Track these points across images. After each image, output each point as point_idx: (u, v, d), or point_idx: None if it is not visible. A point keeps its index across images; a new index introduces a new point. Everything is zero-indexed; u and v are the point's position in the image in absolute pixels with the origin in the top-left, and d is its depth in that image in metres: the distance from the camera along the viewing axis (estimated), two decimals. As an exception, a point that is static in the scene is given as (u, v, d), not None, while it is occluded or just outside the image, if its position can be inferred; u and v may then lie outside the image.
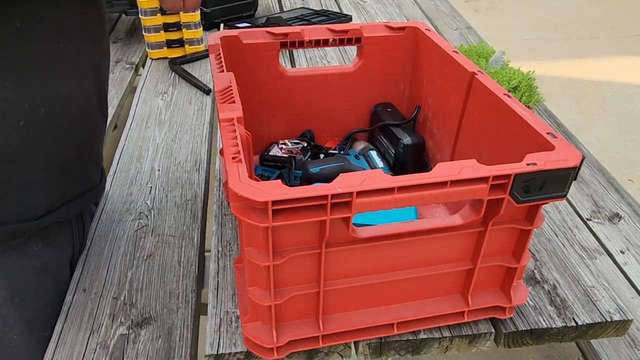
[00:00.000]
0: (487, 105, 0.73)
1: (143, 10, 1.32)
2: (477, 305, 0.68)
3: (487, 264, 0.65)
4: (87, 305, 0.75)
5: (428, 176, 0.54)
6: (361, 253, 0.61)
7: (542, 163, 0.56)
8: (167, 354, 0.68)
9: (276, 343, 0.63)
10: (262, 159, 0.99)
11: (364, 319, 0.66)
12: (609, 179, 1.08)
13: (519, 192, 0.58)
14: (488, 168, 0.56)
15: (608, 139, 2.54)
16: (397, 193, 0.54)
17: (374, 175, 0.54)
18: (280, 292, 0.61)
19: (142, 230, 0.87)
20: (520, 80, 1.08)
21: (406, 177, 0.54)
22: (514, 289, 0.68)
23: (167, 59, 1.40)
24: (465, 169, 0.55)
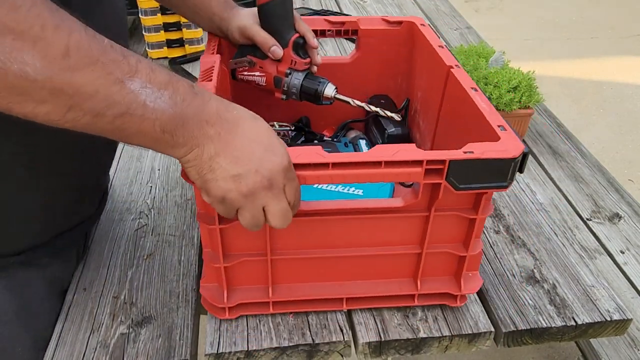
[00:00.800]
0: (457, 98, 0.74)
1: (143, 10, 1.32)
2: (427, 290, 0.71)
3: (435, 250, 0.68)
4: (88, 304, 0.75)
5: (363, 155, 0.57)
6: (308, 226, 0.64)
7: (479, 152, 0.57)
8: (168, 353, 0.68)
9: (227, 304, 0.68)
10: None
11: (314, 291, 0.70)
12: (609, 179, 1.08)
13: (457, 178, 0.58)
14: (423, 152, 0.57)
15: (608, 139, 2.54)
16: (332, 169, 0.56)
17: (311, 151, 0.56)
18: (230, 256, 0.65)
19: (142, 229, 0.87)
20: (520, 80, 1.08)
21: (341, 155, 0.57)
22: (466, 278, 0.70)
23: (167, 58, 1.40)
24: (401, 152, 0.57)
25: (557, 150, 1.14)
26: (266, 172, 0.53)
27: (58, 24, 0.42)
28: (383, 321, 0.70)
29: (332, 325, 0.70)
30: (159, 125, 0.48)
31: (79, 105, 0.44)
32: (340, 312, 0.71)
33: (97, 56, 0.43)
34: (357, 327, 0.70)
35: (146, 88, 0.46)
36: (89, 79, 0.43)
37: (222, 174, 0.52)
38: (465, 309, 0.72)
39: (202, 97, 0.51)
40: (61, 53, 0.41)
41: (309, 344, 0.67)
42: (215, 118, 0.51)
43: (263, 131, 0.54)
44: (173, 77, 0.49)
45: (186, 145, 0.51)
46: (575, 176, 1.07)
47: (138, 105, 0.46)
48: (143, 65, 0.47)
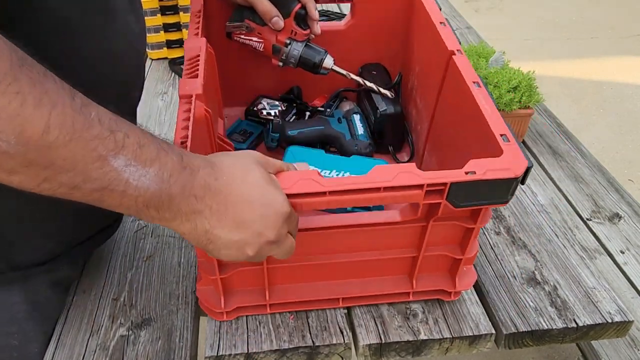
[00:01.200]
0: (458, 90, 0.71)
1: (143, 10, 1.32)
2: (422, 287, 0.71)
3: (431, 253, 0.67)
4: (87, 306, 0.74)
5: (362, 181, 0.54)
6: (306, 239, 0.62)
7: (481, 172, 0.55)
8: (167, 355, 0.68)
9: (224, 309, 0.68)
10: (247, 113, 1.01)
11: (311, 291, 0.70)
12: (609, 179, 1.08)
13: (458, 198, 0.57)
14: (424, 175, 0.55)
15: (608, 139, 2.54)
16: (329, 196, 0.54)
17: (307, 177, 0.54)
18: (226, 267, 0.64)
19: (141, 231, 0.87)
20: (520, 80, 1.08)
21: (339, 181, 0.54)
22: (461, 274, 0.70)
23: (167, 59, 1.40)
24: (400, 175, 0.55)
25: (557, 150, 1.13)
26: (270, 231, 0.52)
27: (39, 100, 0.39)
28: (383, 323, 0.70)
29: (332, 327, 0.69)
30: (142, 201, 0.46)
31: (54, 178, 0.41)
32: (340, 314, 0.71)
33: (80, 132, 0.41)
34: (357, 329, 0.69)
35: (130, 165, 0.44)
36: (67, 155, 0.41)
37: (223, 243, 0.51)
38: (465, 310, 0.72)
39: (191, 170, 0.48)
40: (40, 131, 0.39)
41: (309, 346, 0.67)
42: (204, 191, 0.49)
43: (257, 186, 0.52)
44: (162, 150, 0.46)
45: (175, 220, 0.49)
46: (575, 176, 1.07)
47: (120, 182, 0.44)
48: (131, 141, 0.44)
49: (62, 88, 0.41)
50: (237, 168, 0.52)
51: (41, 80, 0.40)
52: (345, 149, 0.91)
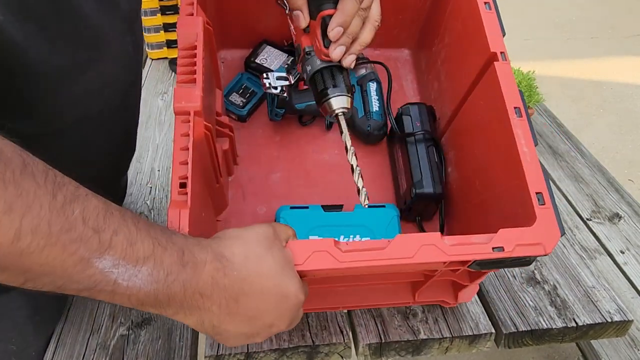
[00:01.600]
0: (494, 106, 0.61)
1: (143, 10, 1.32)
2: (425, 298, 0.69)
3: (440, 278, 0.64)
4: (87, 305, 0.74)
5: (381, 257, 0.49)
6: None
7: (510, 248, 0.49)
8: (167, 355, 0.68)
9: None
10: (247, 64, 0.88)
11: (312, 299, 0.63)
12: (609, 179, 1.08)
13: (479, 266, 0.53)
14: (448, 251, 0.49)
15: (608, 139, 2.54)
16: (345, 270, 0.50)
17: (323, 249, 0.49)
18: None
19: (142, 230, 0.87)
20: (520, 80, 1.08)
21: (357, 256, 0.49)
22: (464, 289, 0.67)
23: (167, 59, 1.40)
24: (423, 250, 0.49)
25: (557, 150, 1.14)
26: (282, 322, 0.49)
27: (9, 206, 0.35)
28: (383, 322, 0.70)
29: (332, 326, 0.69)
30: (136, 299, 0.42)
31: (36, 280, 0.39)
32: (340, 313, 0.71)
33: (57, 236, 0.37)
34: (357, 329, 0.70)
35: (119, 266, 0.40)
36: (43, 261, 0.37)
37: (232, 335, 0.48)
38: (465, 310, 0.72)
39: (194, 267, 0.44)
40: (10, 239, 0.35)
41: (309, 346, 0.67)
42: (212, 288, 0.44)
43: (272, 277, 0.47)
44: (158, 246, 0.42)
45: (178, 314, 0.45)
46: (575, 176, 1.07)
47: (107, 283, 0.40)
48: (119, 239, 0.40)
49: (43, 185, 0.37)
50: (250, 260, 0.47)
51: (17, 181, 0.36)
52: (357, 128, 0.82)
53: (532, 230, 0.50)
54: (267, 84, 0.77)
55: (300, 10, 0.60)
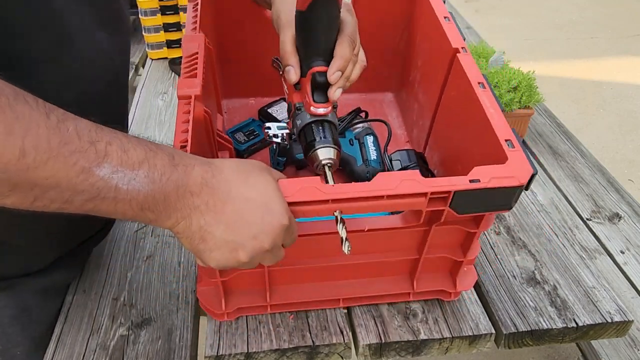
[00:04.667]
0: (462, 91, 0.69)
1: (143, 10, 1.32)
2: (423, 288, 0.70)
3: (433, 255, 0.67)
4: (87, 306, 0.74)
5: (365, 189, 0.53)
6: (306, 244, 0.62)
7: (486, 180, 0.54)
8: (167, 355, 0.68)
9: (225, 310, 0.67)
10: (260, 112, 0.97)
11: (311, 292, 0.69)
12: (609, 179, 1.08)
13: (461, 206, 0.56)
14: (427, 183, 0.54)
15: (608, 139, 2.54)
16: (332, 203, 0.53)
17: (310, 185, 0.53)
18: (227, 271, 0.63)
19: (142, 231, 0.87)
20: (520, 80, 1.08)
21: (342, 189, 0.53)
22: (461, 276, 0.70)
23: (167, 59, 1.40)
24: (404, 183, 0.54)
25: (557, 150, 1.13)
26: (265, 237, 0.50)
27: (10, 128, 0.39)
28: (383, 323, 0.70)
29: (332, 327, 0.69)
30: (136, 204, 0.45)
31: (43, 196, 0.42)
32: (340, 313, 0.71)
33: (57, 149, 0.41)
34: (357, 329, 0.69)
35: (117, 172, 0.43)
36: (50, 173, 0.41)
37: (216, 243, 0.49)
38: (465, 310, 0.72)
39: (185, 167, 0.47)
40: (16, 156, 0.39)
41: (309, 346, 0.67)
42: (201, 187, 0.48)
43: (257, 189, 0.50)
44: (150, 151, 0.46)
45: (170, 218, 0.48)
46: (575, 176, 1.07)
47: (109, 190, 0.43)
48: (113, 148, 0.43)
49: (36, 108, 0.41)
50: (239, 170, 0.51)
51: (11, 105, 0.39)
52: (356, 175, 0.86)
53: (505, 167, 0.55)
54: (268, 132, 0.81)
55: (292, 66, 0.64)
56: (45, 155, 0.40)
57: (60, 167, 0.41)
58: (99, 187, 0.43)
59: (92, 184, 0.42)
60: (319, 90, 0.64)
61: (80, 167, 0.42)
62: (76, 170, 0.41)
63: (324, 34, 0.62)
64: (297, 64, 0.64)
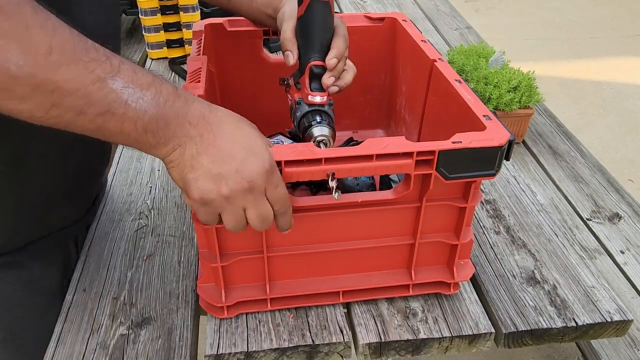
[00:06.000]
0: (442, 91, 0.75)
1: (143, 10, 1.32)
2: (421, 279, 0.72)
3: (427, 240, 0.69)
4: (87, 305, 0.75)
5: (355, 150, 0.58)
6: (302, 222, 0.64)
7: (467, 141, 0.59)
8: (167, 354, 0.68)
9: (225, 302, 0.68)
10: None
11: (311, 286, 0.71)
12: (609, 179, 1.08)
13: (447, 168, 0.60)
14: (412, 144, 0.58)
15: (608, 139, 2.54)
16: (324, 164, 0.57)
17: (303, 147, 0.57)
18: (227, 255, 0.66)
19: (142, 230, 0.87)
20: (520, 80, 1.08)
21: (334, 150, 0.58)
22: (458, 267, 0.72)
23: (167, 59, 1.40)
24: (391, 145, 0.58)
25: (557, 150, 1.14)
26: (247, 173, 0.52)
27: (42, 24, 0.43)
28: (383, 322, 0.70)
29: (332, 326, 0.70)
30: (141, 125, 0.48)
31: (61, 103, 0.44)
32: (340, 313, 0.71)
33: (80, 55, 0.44)
34: (357, 328, 0.70)
35: (128, 88, 0.47)
36: (70, 76, 0.44)
37: (203, 173, 0.52)
38: (465, 309, 0.72)
39: (186, 99, 0.52)
40: (44, 51, 0.43)
41: (309, 345, 0.67)
42: (198, 119, 0.52)
43: (246, 133, 0.55)
44: (157, 79, 0.50)
45: (167, 145, 0.51)
46: (575, 176, 1.07)
47: (119, 105, 0.46)
48: (126, 67, 0.47)
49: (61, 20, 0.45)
50: (232, 117, 0.56)
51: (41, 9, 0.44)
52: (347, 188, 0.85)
53: (484, 133, 0.61)
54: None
55: (291, 51, 0.71)
56: (69, 57, 0.44)
57: (81, 71, 0.45)
58: (111, 99, 0.46)
59: (106, 94, 0.46)
60: (316, 81, 0.71)
61: (96, 76, 0.45)
62: (93, 78, 0.45)
63: (319, 32, 0.70)
64: (296, 50, 0.71)
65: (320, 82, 0.70)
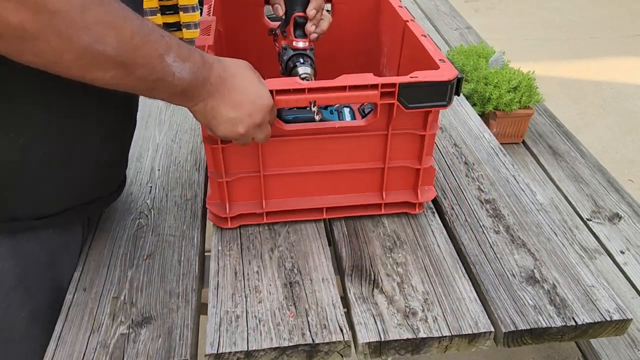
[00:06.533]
0: (412, 45, 0.88)
1: (143, 10, 1.32)
2: (391, 199, 0.86)
3: (395, 165, 0.83)
4: (88, 304, 0.75)
5: (332, 82, 0.72)
6: (289, 145, 0.79)
7: (422, 77, 0.73)
8: (167, 353, 0.68)
9: (229, 214, 0.83)
10: None
11: (298, 203, 0.85)
12: (609, 179, 1.08)
13: (406, 99, 0.73)
14: (378, 78, 0.72)
15: (608, 139, 2.54)
16: (307, 94, 0.72)
17: (290, 80, 0.73)
18: (230, 174, 0.81)
19: (142, 229, 0.87)
20: (520, 80, 1.08)
21: (315, 82, 0.72)
22: (422, 191, 0.86)
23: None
24: (360, 77, 0.72)
25: (557, 150, 1.14)
26: (257, 114, 0.69)
27: (125, 15, 0.54)
28: (383, 321, 0.70)
29: (332, 325, 0.70)
30: (180, 88, 0.62)
31: (133, 72, 0.57)
32: (340, 312, 0.71)
33: (148, 37, 0.56)
34: (357, 327, 0.70)
35: (175, 62, 0.59)
36: (144, 54, 0.56)
37: (223, 118, 0.68)
38: (465, 308, 0.72)
39: (209, 65, 0.65)
40: (129, 36, 0.54)
41: (309, 344, 0.67)
42: (216, 79, 0.65)
43: (251, 81, 0.69)
44: (190, 50, 0.62)
45: (194, 100, 0.66)
46: (575, 176, 1.07)
47: (169, 74, 0.60)
48: (173, 42, 0.59)
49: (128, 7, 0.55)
50: (237, 66, 0.69)
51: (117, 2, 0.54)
52: None
53: (437, 71, 0.75)
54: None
55: (279, 4, 0.89)
56: (144, 39, 0.56)
57: (150, 50, 0.57)
58: (166, 70, 0.59)
59: (163, 67, 0.58)
60: (299, 29, 0.86)
61: (159, 53, 0.58)
62: (157, 54, 0.57)
63: None
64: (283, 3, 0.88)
65: (303, 30, 0.86)
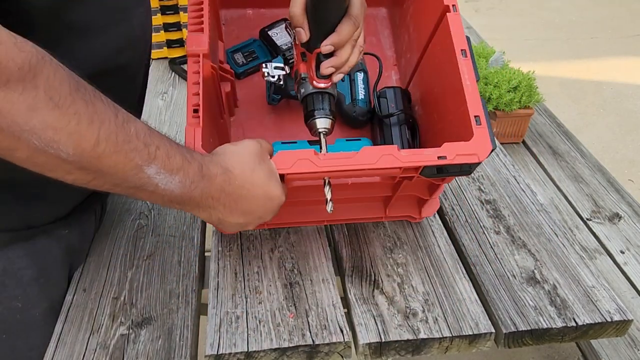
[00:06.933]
0: (444, 51, 0.74)
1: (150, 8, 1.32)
2: (393, 214, 0.84)
3: (404, 194, 0.79)
4: (87, 305, 0.75)
5: (351, 163, 0.65)
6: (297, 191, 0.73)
7: (451, 157, 0.65)
8: (167, 354, 0.68)
9: None
10: (261, 33, 0.97)
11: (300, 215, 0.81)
12: (609, 179, 1.08)
13: (429, 173, 0.68)
14: (402, 158, 0.65)
15: (608, 139, 2.54)
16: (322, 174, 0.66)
17: (304, 157, 0.64)
18: None
19: (142, 230, 0.87)
20: (520, 80, 1.08)
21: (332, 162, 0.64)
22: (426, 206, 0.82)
23: (167, 59, 1.40)
24: (383, 159, 0.65)
25: (557, 150, 1.14)
26: (267, 215, 0.66)
27: (92, 119, 0.47)
28: (383, 322, 0.70)
29: (332, 326, 0.70)
30: (168, 199, 0.56)
31: (101, 178, 0.51)
32: (340, 312, 0.71)
33: (122, 145, 0.49)
34: (357, 328, 0.70)
35: (160, 174, 0.53)
36: (112, 164, 0.50)
37: (230, 225, 0.65)
38: (465, 309, 0.72)
39: (209, 179, 0.58)
40: (92, 144, 0.47)
41: (309, 345, 0.67)
42: (220, 193, 0.60)
43: (261, 184, 0.62)
44: (185, 161, 0.56)
45: (193, 210, 0.61)
46: (575, 176, 1.07)
47: (150, 185, 0.53)
48: (161, 153, 0.53)
49: (108, 106, 0.49)
50: (246, 172, 0.62)
51: (92, 101, 0.47)
52: (343, 114, 0.90)
53: (469, 144, 0.65)
54: (265, 72, 0.85)
55: (302, 28, 0.69)
56: (113, 148, 0.49)
57: (121, 160, 0.50)
58: (144, 182, 0.53)
59: (140, 178, 0.52)
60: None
61: (135, 164, 0.51)
62: (131, 166, 0.51)
63: (329, 17, 0.68)
64: (307, 26, 0.69)
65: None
